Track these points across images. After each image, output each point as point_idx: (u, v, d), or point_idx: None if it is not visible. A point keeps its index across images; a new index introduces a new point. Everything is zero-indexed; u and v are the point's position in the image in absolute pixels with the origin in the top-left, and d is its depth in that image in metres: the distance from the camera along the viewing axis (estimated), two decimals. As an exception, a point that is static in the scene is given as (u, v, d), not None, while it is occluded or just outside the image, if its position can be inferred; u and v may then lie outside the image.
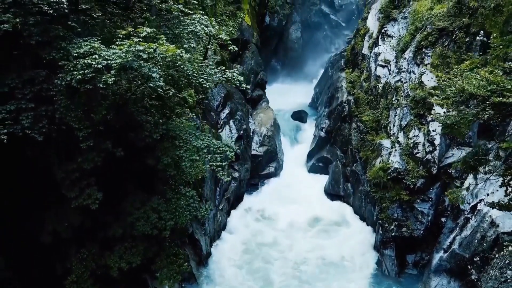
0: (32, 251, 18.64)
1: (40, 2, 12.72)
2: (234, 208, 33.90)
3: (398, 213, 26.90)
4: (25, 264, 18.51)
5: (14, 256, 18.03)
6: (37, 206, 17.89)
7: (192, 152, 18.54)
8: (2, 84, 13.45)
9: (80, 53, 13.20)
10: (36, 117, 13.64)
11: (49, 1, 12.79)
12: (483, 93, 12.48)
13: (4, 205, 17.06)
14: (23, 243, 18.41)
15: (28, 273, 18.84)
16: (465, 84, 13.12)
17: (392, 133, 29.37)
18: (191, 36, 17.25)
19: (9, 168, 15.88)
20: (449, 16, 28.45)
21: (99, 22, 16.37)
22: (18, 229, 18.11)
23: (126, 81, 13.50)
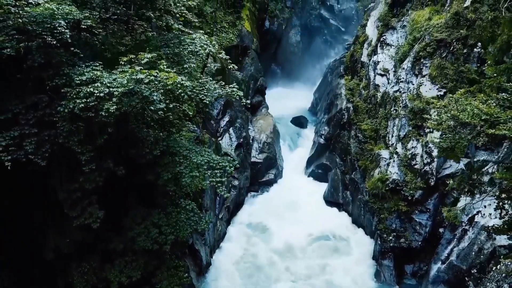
0: (34, 267, 18.86)
1: (44, 33, 12.95)
2: (234, 216, 34.09)
3: (397, 223, 27.13)
4: (27, 280, 18.73)
5: (17, 272, 18.24)
6: (39, 222, 18.12)
7: (192, 168, 18.75)
8: (6, 110, 13.69)
9: (82, 80, 13.43)
10: (39, 142, 13.89)
11: (52, 32, 13.02)
12: (477, 122, 12.72)
13: (6, 223, 17.29)
14: (26, 259, 18.62)
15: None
16: (459, 113, 13.37)
17: (391, 143, 29.59)
18: (191, 55, 17.46)
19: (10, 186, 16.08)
20: (447, 28, 28.60)
21: (100, 39, 16.57)
22: (21, 246, 18.33)
23: (127, 105, 13.69)
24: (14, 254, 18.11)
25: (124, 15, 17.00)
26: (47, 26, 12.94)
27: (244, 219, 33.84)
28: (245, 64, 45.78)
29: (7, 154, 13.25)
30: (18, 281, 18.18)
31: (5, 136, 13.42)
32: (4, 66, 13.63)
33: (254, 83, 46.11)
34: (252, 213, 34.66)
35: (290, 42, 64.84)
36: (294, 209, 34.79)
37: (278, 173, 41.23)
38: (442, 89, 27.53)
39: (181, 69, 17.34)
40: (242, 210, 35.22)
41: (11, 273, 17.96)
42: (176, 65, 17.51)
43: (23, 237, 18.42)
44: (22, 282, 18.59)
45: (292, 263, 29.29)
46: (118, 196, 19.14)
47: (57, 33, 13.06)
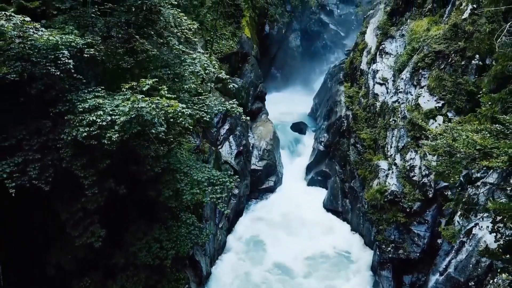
0: (37, 283, 19.09)
1: (48, 64, 13.18)
2: (234, 225, 34.31)
3: (395, 235, 27.36)
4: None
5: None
6: (41, 240, 18.34)
7: (193, 185, 18.99)
8: (10, 136, 13.93)
9: (85, 108, 13.67)
10: (42, 167, 14.12)
11: (56, 63, 13.24)
12: (471, 152, 12.95)
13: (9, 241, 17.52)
14: (29, 275, 18.84)
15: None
16: (454, 142, 13.61)
17: (389, 154, 29.80)
18: (192, 76, 17.69)
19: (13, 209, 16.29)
20: (445, 39, 28.75)
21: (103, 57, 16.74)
22: (24, 262, 18.55)
23: (129, 132, 13.92)
24: (17, 271, 18.31)
25: (125, 33, 17.17)
26: (51, 57, 13.17)
27: (244, 230, 33.92)
28: (245, 70, 45.98)
29: (11, 181, 13.50)
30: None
31: (10, 163, 13.66)
32: (7, 90, 13.82)
33: (254, 89, 46.31)
34: (252, 223, 34.83)
35: (290, 46, 65.12)
36: (294, 218, 34.97)
37: (278, 180, 41.47)
38: (440, 100, 27.72)
39: (181, 88, 17.57)
40: (242, 218, 35.45)
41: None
42: (176, 84, 17.74)
43: (26, 254, 18.63)
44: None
45: (289, 279, 29.38)
46: (120, 211, 19.38)
47: (60, 63, 13.29)
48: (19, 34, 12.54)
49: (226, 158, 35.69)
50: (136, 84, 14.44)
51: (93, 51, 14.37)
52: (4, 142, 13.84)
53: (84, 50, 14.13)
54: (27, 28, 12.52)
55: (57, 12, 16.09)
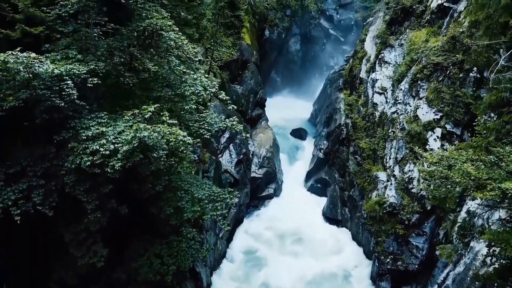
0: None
1: (53, 96, 13.43)
2: (234, 233, 34.51)
3: (394, 246, 27.63)
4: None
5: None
6: (45, 256, 18.58)
7: (194, 203, 19.22)
8: (15, 163, 14.18)
9: (88, 136, 13.92)
10: (46, 193, 14.37)
11: (61, 94, 13.49)
12: (466, 182, 13.22)
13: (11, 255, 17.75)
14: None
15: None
16: (450, 171, 13.90)
17: (388, 165, 30.06)
18: (192, 97, 17.93)
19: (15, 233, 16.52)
20: (444, 51, 28.98)
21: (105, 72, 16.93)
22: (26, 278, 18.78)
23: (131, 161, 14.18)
24: (20, 286, 18.57)
25: (127, 54, 17.39)
26: (56, 88, 13.41)
27: (244, 239, 34.05)
28: (245, 77, 46.23)
29: (16, 208, 13.76)
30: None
31: (14, 190, 13.91)
32: (11, 115, 14.03)
33: (254, 96, 46.59)
34: (252, 232, 34.93)
35: (290, 51, 65.48)
36: (294, 227, 35.05)
37: (278, 187, 41.70)
38: (438, 112, 27.98)
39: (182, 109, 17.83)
40: (242, 227, 35.60)
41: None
42: (178, 105, 18.00)
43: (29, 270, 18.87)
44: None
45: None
46: (121, 228, 19.60)
47: (65, 94, 13.55)
48: (25, 70, 12.73)
49: (226, 167, 35.93)
50: (138, 112, 14.71)
51: (96, 80, 14.60)
52: (9, 169, 14.10)
53: (88, 79, 14.37)
54: (32, 63, 12.75)
55: (60, 36, 16.33)
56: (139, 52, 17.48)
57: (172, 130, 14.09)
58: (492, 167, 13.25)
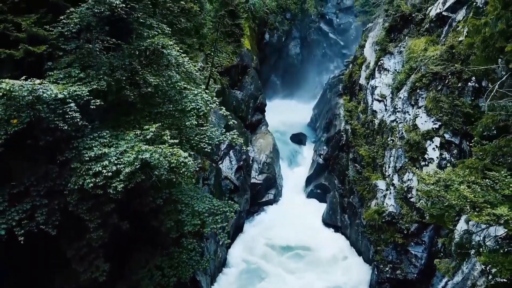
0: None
1: (56, 119, 13.62)
2: (234, 240, 34.68)
3: (393, 255, 27.83)
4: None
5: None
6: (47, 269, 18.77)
7: (194, 216, 19.41)
8: (19, 183, 14.38)
9: (91, 157, 14.13)
10: (49, 212, 14.58)
11: (64, 117, 13.68)
12: (462, 204, 13.43)
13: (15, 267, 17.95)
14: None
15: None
16: (446, 193, 14.12)
17: (387, 174, 30.25)
18: (193, 113, 18.12)
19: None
20: (442, 60, 29.14)
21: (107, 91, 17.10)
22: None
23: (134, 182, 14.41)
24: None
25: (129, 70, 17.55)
26: (59, 111, 13.61)
27: (244, 246, 34.19)
28: (245, 82, 46.38)
29: (20, 229, 13.97)
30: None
31: (18, 210, 14.11)
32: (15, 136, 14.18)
33: (254, 101, 46.76)
34: (252, 239, 35.00)
35: (290, 54, 65.68)
36: (293, 234, 35.13)
37: (278, 192, 41.91)
38: (437, 122, 28.17)
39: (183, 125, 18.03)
40: (242, 234, 35.79)
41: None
42: (179, 120, 18.19)
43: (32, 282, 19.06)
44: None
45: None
46: (123, 241, 19.80)
47: (68, 118, 13.74)
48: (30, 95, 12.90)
49: (226, 174, 36.13)
50: (140, 132, 14.90)
51: (99, 101, 14.78)
52: (13, 189, 14.31)
53: (91, 101, 14.55)
54: (37, 89, 12.92)
55: (62, 53, 16.51)
56: (141, 67, 17.65)
57: (173, 150, 14.28)
58: (488, 190, 13.47)
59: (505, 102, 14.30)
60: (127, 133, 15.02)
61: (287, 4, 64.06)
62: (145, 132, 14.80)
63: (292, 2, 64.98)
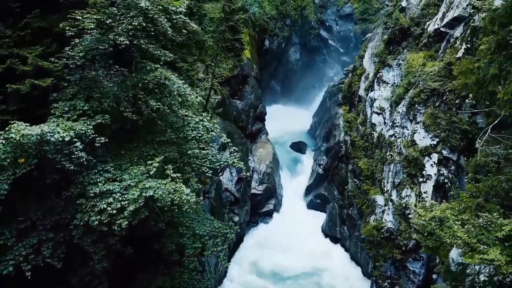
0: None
1: (63, 160, 14.00)
2: (234, 252, 35.04)
3: (391, 270, 28.22)
4: None
5: None
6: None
7: (195, 239, 19.80)
8: (26, 218, 14.77)
9: (96, 193, 14.51)
10: (55, 245, 14.97)
11: (70, 157, 14.06)
12: (456, 243, 13.82)
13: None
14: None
15: None
16: (441, 231, 14.52)
17: (386, 189, 30.60)
18: (194, 141, 18.50)
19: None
20: (440, 77, 29.46)
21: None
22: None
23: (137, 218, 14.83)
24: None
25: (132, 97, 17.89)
26: (65, 152, 13.99)
27: (244, 259, 34.50)
28: (245, 92, 46.74)
29: (27, 264, 14.36)
30: None
31: (25, 245, 14.50)
32: (22, 175, 14.51)
33: (254, 111, 47.11)
34: (252, 252, 35.31)
35: (290, 60, 65.98)
36: (293, 246, 35.40)
37: (278, 202, 42.25)
38: (435, 138, 28.51)
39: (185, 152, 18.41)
40: (242, 246, 36.09)
41: None
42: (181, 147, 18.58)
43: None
44: None
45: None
46: (125, 265, 20.18)
47: (74, 158, 14.12)
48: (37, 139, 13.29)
49: (226, 186, 36.50)
50: (144, 168, 15.27)
51: (104, 138, 15.16)
52: (21, 225, 14.69)
53: (96, 139, 14.92)
54: (45, 135, 13.28)
55: (67, 84, 16.88)
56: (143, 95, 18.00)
57: (176, 186, 14.64)
58: (481, 230, 13.85)
59: (496, 150, 14.67)
60: (131, 169, 15.40)
61: (287, 11, 64.40)
62: (149, 167, 15.17)
63: (292, 9, 65.32)
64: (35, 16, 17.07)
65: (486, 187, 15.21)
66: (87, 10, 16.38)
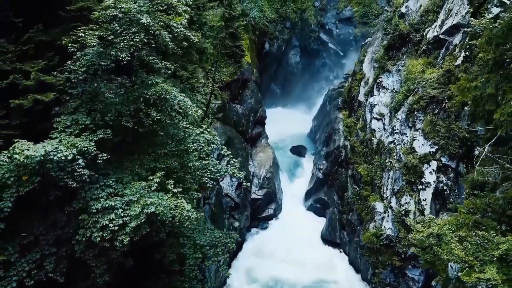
0: None
1: (66, 177, 14.17)
2: (234, 258, 35.13)
3: (391, 277, 28.41)
4: None
5: None
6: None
7: (196, 249, 19.95)
8: (29, 233, 14.93)
9: (98, 209, 14.67)
10: (58, 260, 15.13)
11: (73, 175, 14.24)
12: (454, 260, 14.00)
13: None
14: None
15: None
16: (439, 248, 14.72)
17: (385, 196, 30.78)
18: (195, 153, 18.68)
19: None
20: (439, 84, 29.64)
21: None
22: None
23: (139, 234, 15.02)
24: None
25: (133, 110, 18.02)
26: (68, 169, 14.16)
27: (244, 266, 34.56)
28: (245, 96, 46.88)
29: (30, 279, 14.51)
30: None
31: (28, 260, 14.65)
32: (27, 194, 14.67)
33: (254, 115, 47.25)
34: (251, 258, 35.37)
35: (290, 63, 66.16)
36: (293, 251, 35.46)
37: (278, 206, 42.39)
38: (434, 145, 28.71)
39: (186, 165, 18.58)
40: (242, 252, 36.09)
41: None
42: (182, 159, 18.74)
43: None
44: None
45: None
46: (127, 277, 20.32)
47: (77, 175, 14.28)
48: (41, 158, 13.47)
49: (227, 191, 36.65)
50: (146, 184, 15.43)
51: (106, 155, 15.31)
52: (23, 240, 14.85)
53: (98, 156, 15.08)
54: (48, 154, 13.44)
55: (69, 98, 17.04)
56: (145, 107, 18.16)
57: (178, 202, 14.80)
58: (478, 247, 14.02)
59: (492, 170, 14.85)
60: (133, 184, 15.56)
61: (287, 13, 64.61)
62: (150, 183, 15.33)
63: (292, 11, 65.51)
64: (37, 30, 17.21)
65: (483, 204, 15.39)
66: (89, 26, 16.52)
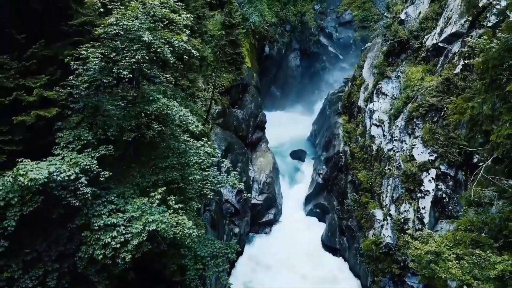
0: None
1: (68, 196, 14.37)
2: (234, 264, 35.28)
3: (390, 285, 28.58)
4: None
5: None
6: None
7: (196, 260, 20.14)
8: (32, 249, 15.13)
9: (100, 226, 14.86)
10: (60, 275, 15.33)
11: (76, 194, 14.43)
12: (451, 278, 14.20)
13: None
14: None
15: None
16: (436, 266, 14.91)
17: (385, 204, 30.95)
18: (196, 167, 18.88)
19: None
20: (438, 92, 29.73)
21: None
22: None
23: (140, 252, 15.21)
24: None
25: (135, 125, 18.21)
26: (71, 188, 14.35)
27: (244, 273, 34.77)
28: (245, 101, 47.10)
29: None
30: None
31: (32, 277, 14.84)
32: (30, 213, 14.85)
33: (254, 120, 47.46)
34: (251, 264, 35.65)
35: (290, 66, 66.45)
36: (293, 257, 35.77)
37: (278, 211, 42.59)
38: (433, 153, 28.81)
39: (186, 178, 18.77)
40: (242, 258, 36.32)
41: None
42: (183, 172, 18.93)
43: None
44: None
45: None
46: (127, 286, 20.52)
47: (79, 194, 14.49)
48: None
49: (227, 197, 36.88)
50: (147, 201, 15.62)
51: (108, 173, 15.50)
52: (27, 257, 15.04)
53: (100, 173, 15.28)
54: (51, 175, 13.64)
55: (71, 112, 17.23)
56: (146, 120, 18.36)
57: (179, 219, 14.99)
58: (475, 266, 14.21)
59: (488, 192, 15.03)
60: (135, 201, 15.74)
61: (287, 16, 64.91)
62: (152, 200, 15.52)
63: (292, 14, 65.79)
64: (40, 46, 17.38)
65: (480, 222, 15.58)
66: (91, 44, 16.70)
